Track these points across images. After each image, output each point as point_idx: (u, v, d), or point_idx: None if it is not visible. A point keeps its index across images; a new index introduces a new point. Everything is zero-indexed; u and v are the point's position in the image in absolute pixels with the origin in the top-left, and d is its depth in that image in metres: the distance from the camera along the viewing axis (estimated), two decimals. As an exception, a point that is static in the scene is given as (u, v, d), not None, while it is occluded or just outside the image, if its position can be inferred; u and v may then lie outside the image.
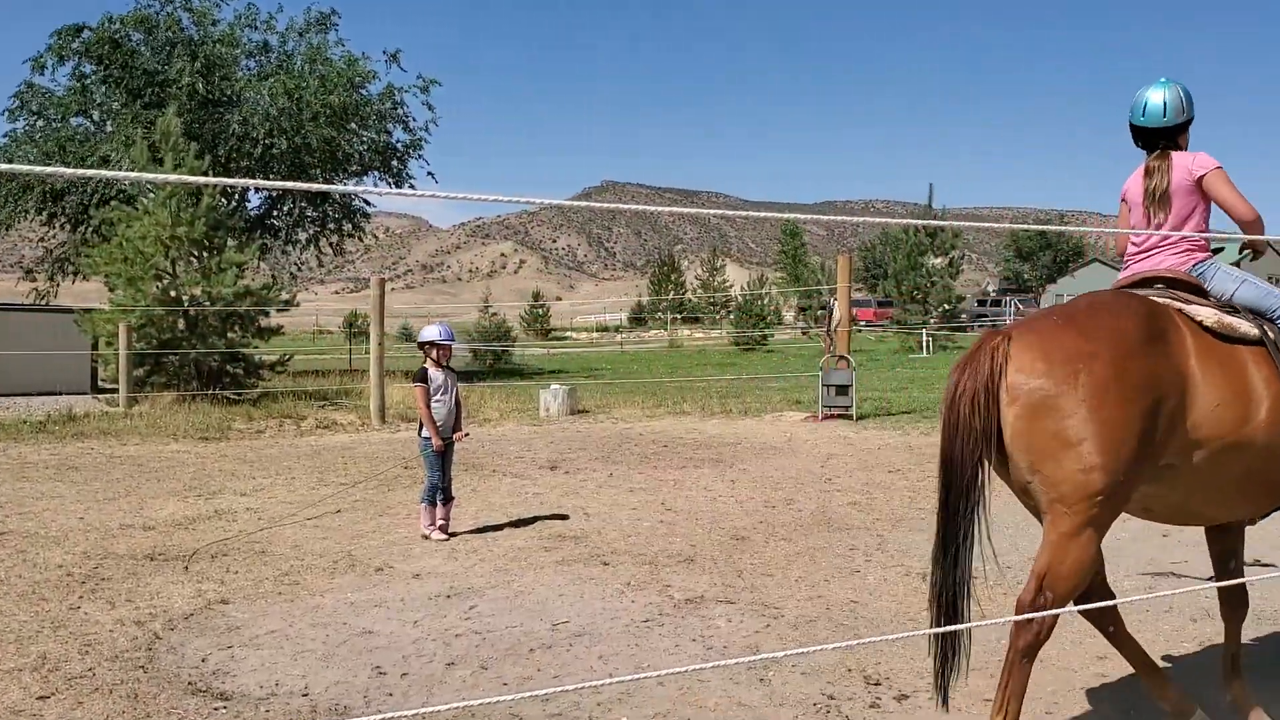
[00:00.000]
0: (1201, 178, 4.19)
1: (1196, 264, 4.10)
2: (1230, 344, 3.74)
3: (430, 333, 7.65)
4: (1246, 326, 3.79)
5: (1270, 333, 3.82)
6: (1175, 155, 4.26)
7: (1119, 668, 4.61)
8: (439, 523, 7.36)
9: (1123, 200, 4.54)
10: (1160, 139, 4.29)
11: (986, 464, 3.62)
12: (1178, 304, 3.85)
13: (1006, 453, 3.56)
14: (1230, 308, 3.92)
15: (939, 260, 36.74)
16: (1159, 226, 4.26)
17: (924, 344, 32.95)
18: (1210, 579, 6.04)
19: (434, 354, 7.59)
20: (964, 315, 44.80)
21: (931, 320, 34.81)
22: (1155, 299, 3.86)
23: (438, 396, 7.52)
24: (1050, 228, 4.15)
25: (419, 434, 7.60)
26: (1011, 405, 3.49)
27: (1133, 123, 4.38)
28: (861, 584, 6.03)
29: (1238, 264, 4.07)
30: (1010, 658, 3.66)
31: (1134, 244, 4.38)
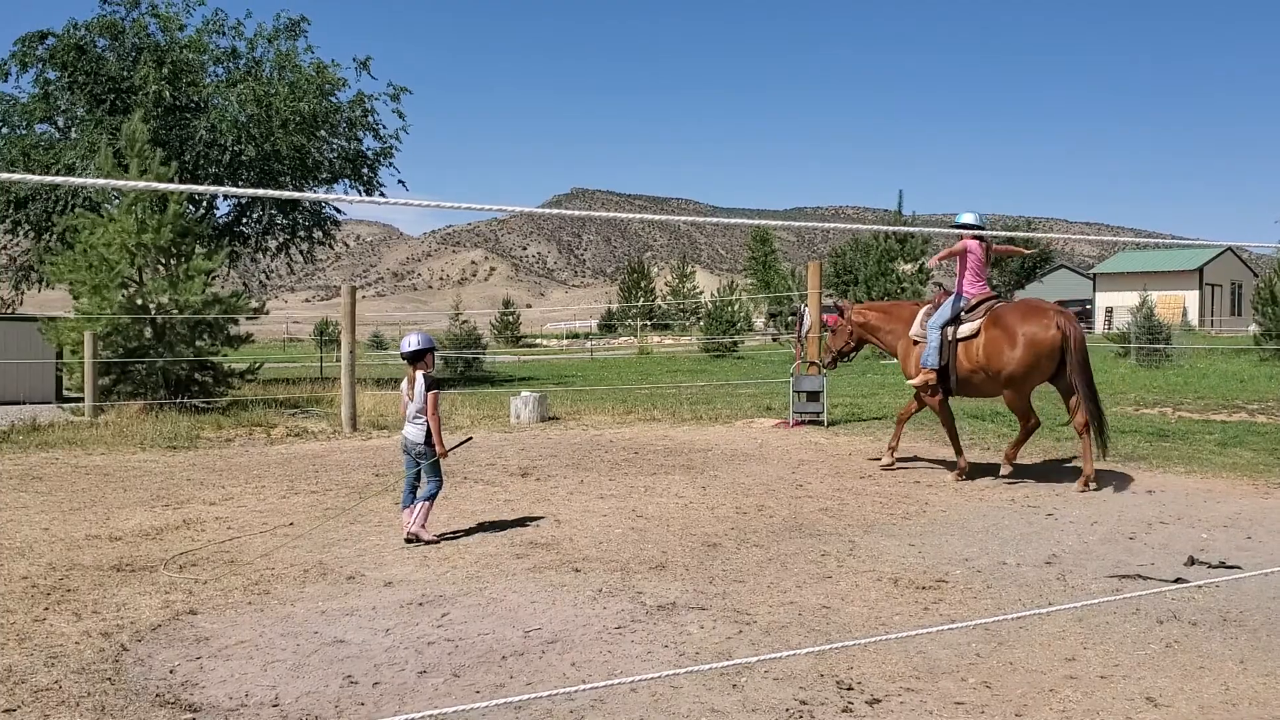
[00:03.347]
0: (994, 247, 10.92)
1: None
2: None
3: (426, 340, 7.61)
4: None
5: None
6: (989, 241, 10.42)
7: (1087, 670, 4.66)
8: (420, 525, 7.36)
9: (968, 249, 9.98)
10: (978, 230, 9.75)
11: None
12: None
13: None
14: None
15: (909, 266, 36.98)
16: (989, 275, 10.16)
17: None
18: (1176, 580, 6.12)
19: (432, 362, 7.63)
20: (933, 321, 44.98)
21: (901, 326, 35.00)
22: None
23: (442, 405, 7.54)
24: (1018, 234, 4.20)
25: (426, 440, 7.50)
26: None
27: (968, 224, 10.00)
28: (833, 589, 6.05)
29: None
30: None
31: (978, 279, 9.98)
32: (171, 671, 4.68)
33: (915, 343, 10.43)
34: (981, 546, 7.15)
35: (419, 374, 7.43)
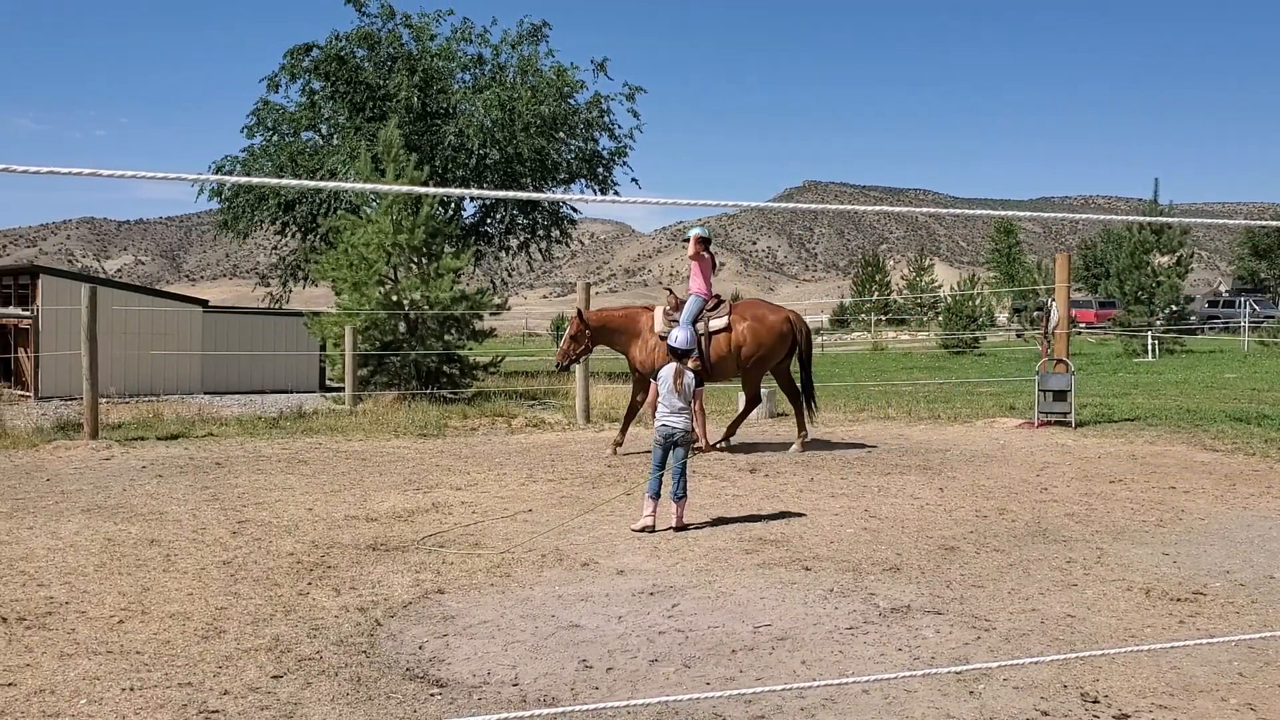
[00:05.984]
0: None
1: None
2: None
3: (694, 338, 7.91)
4: None
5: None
6: (713, 253, 12.31)
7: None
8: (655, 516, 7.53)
9: (703, 254, 12.03)
10: (709, 243, 12.16)
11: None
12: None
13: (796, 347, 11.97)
14: None
15: (1166, 259, 34.66)
16: (712, 277, 12.16)
17: (1149, 347, 31.14)
18: None
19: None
20: (1194, 317, 42.11)
21: (1158, 322, 32.90)
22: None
23: None
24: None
25: (687, 431, 7.72)
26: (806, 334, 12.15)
27: (699, 235, 12.03)
28: (1079, 598, 5.77)
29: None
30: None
31: (709, 283, 12.00)
32: (420, 647, 4.95)
33: (663, 338, 11.37)
34: (1245, 558, 6.64)
35: (688, 370, 7.68)
